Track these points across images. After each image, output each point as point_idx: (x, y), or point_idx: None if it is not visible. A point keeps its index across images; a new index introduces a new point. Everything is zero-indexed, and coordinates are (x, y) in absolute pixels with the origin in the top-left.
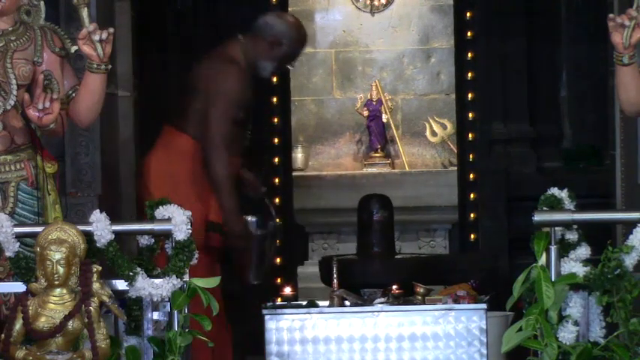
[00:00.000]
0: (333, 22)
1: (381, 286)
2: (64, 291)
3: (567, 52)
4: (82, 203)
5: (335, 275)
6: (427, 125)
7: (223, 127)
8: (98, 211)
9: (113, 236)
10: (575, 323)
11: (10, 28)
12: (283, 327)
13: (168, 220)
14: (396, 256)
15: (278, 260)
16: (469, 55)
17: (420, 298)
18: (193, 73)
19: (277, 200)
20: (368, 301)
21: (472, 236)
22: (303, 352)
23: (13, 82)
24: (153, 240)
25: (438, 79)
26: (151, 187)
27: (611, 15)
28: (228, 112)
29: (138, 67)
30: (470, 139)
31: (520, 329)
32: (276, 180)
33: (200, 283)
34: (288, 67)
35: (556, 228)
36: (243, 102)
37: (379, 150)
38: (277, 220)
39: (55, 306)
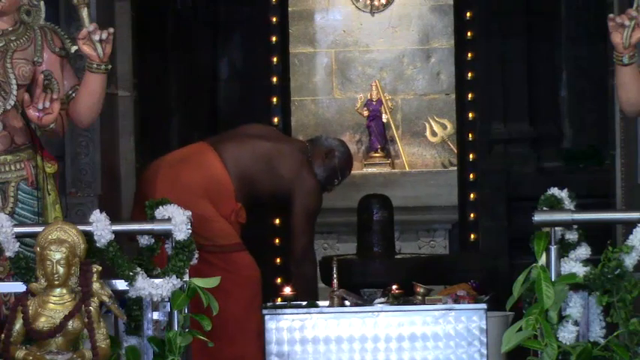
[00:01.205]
0: (333, 22)
1: (381, 286)
2: (64, 291)
3: (567, 52)
4: (82, 203)
5: (335, 275)
6: (427, 125)
7: (312, 235)
8: (98, 211)
9: (113, 236)
10: (575, 323)
11: (10, 28)
12: (283, 327)
13: (168, 220)
14: (396, 256)
15: (278, 260)
16: (469, 55)
17: (420, 298)
18: (268, 144)
19: None
20: (368, 301)
21: (472, 236)
22: (303, 352)
23: (13, 82)
24: (153, 240)
25: (438, 79)
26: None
27: (611, 15)
28: (314, 218)
29: (138, 67)
30: (470, 139)
31: (520, 329)
32: None
33: (200, 283)
34: (334, 183)
35: (556, 228)
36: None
37: (379, 150)
38: None
39: (55, 306)
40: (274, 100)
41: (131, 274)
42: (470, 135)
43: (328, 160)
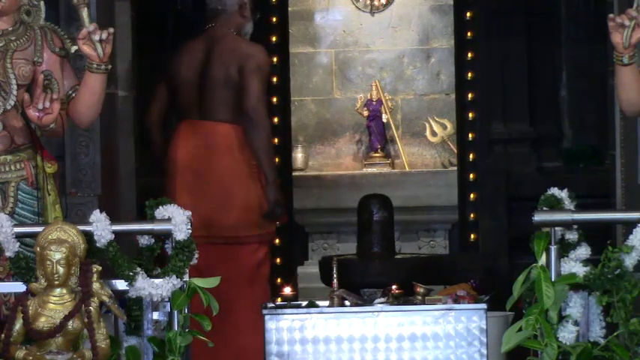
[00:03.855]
0: (333, 22)
1: (381, 286)
2: (64, 291)
3: (567, 52)
4: (82, 203)
5: (335, 275)
6: (427, 125)
7: (264, 95)
8: (98, 211)
9: (113, 236)
10: (575, 323)
11: (10, 28)
12: (283, 327)
13: (169, 220)
14: (396, 256)
15: (278, 260)
16: (469, 55)
17: (420, 298)
18: (216, 66)
19: None
20: (368, 301)
21: (472, 236)
22: (303, 352)
23: (13, 82)
24: (153, 240)
25: (438, 79)
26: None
27: (611, 15)
28: (264, 82)
29: (138, 67)
30: (470, 139)
31: (520, 329)
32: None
33: (200, 283)
34: (256, 18)
35: (556, 228)
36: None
37: (379, 150)
38: None
39: (55, 306)
40: (274, 99)
41: (131, 274)
42: (470, 135)
43: (246, 11)
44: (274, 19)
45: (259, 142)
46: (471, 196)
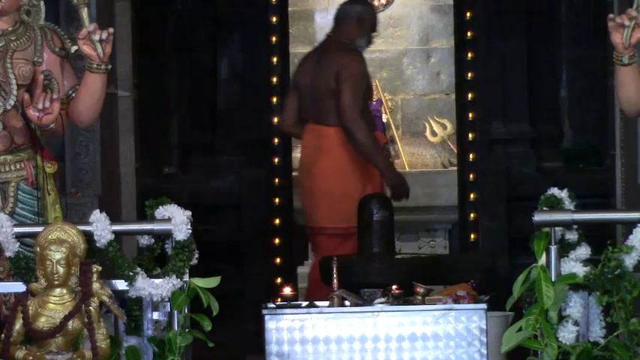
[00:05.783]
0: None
1: (381, 286)
2: (64, 291)
3: (567, 52)
4: (82, 203)
5: (335, 275)
6: (427, 125)
7: (357, 102)
8: (98, 211)
9: (113, 236)
10: (575, 323)
11: (10, 28)
12: (283, 327)
13: (169, 220)
14: (396, 256)
15: (278, 260)
16: (469, 55)
17: (420, 298)
18: (321, 74)
19: (277, 200)
20: (368, 301)
21: (472, 236)
22: (303, 352)
23: (13, 82)
24: (153, 240)
25: (438, 79)
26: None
27: (611, 15)
28: (359, 89)
29: (138, 67)
30: (470, 139)
31: (520, 329)
32: (276, 180)
33: (200, 283)
34: (373, 35)
35: (556, 228)
36: (365, 80)
37: None
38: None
39: (55, 306)
40: (274, 100)
41: (131, 274)
42: (470, 135)
43: (363, 26)
44: (274, 19)
45: (360, 146)
46: (471, 196)
